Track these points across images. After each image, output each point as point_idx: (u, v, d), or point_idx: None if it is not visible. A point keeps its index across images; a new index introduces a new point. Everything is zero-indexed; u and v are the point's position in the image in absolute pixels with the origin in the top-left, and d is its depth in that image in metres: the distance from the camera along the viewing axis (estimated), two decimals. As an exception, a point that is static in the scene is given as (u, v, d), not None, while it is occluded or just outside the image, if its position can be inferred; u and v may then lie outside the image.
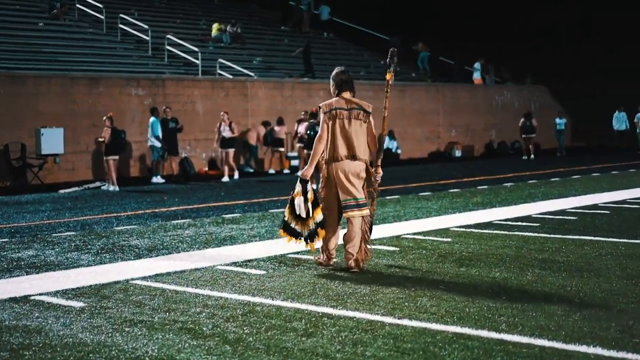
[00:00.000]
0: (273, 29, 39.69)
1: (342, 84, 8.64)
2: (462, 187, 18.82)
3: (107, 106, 24.30)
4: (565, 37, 44.11)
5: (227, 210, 14.97)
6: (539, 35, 44.31)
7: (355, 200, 8.42)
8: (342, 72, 8.71)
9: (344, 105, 8.51)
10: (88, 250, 10.26)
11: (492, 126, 38.27)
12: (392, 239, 10.72)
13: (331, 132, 8.45)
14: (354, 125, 8.47)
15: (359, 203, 8.45)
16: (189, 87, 26.62)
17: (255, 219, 13.40)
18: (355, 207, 8.44)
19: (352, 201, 8.41)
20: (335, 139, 8.43)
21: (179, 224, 12.91)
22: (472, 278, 8.01)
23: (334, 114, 8.47)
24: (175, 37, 30.97)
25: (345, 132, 8.43)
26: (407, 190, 18.47)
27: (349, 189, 8.40)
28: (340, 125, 8.46)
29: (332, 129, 8.45)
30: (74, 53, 27.58)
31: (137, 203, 16.74)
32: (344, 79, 8.64)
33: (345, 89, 8.62)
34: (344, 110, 8.47)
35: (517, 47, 43.18)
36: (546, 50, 43.91)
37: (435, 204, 15.26)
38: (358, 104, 8.56)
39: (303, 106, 29.47)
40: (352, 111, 8.49)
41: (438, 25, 44.46)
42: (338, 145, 8.42)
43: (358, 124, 8.50)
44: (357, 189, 8.44)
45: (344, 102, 8.53)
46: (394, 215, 13.38)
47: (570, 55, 42.59)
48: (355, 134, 8.44)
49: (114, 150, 21.07)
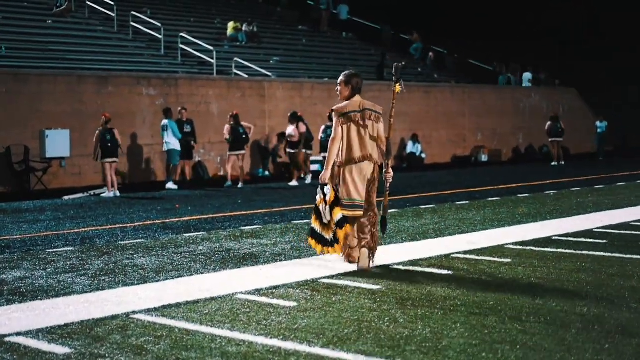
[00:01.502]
0: (291, 29, 38.19)
1: (357, 87, 8.76)
2: (501, 195, 17.22)
3: (117, 106, 22.86)
4: (573, 36, 42.83)
5: (246, 221, 13.44)
6: (548, 35, 43.09)
7: (352, 201, 8.54)
8: (357, 75, 8.81)
9: (357, 107, 8.62)
10: (85, 272, 8.73)
11: (519, 130, 36.63)
12: (440, 259, 9.15)
13: (346, 134, 8.59)
14: (367, 126, 8.61)
15: (355, 204, 8.54)
16: (203, 86, 25.13)
17: (278, 232, 11.85)
18: (351, 208, 8.54)
19: (349, 201, 8.54)
20: (351, 141, 8.57)
21: (192, 237, 11.37)
22: (555, 315, 6.43)
23: (349, 117, 8.58)
24: (190, 35, 29.50)
25: (359, 134, 8.59)
26: (441, 198, 16.88)
27: (349, 190, 8.54)
28: (355, 127, 8.59)
29: (348, 131, 8.59)
30: (83, 51, 26.15)
31: (146, 212, 15.22)
32: (360, 82, 8.78)
33: (358, 92, 8.75)
34: (357, 112, 8.60)
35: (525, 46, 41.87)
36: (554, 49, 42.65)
37: (477, 214, 13.67)
38: (370, 106, 8.68)
39: (323, 108, 27.92)
40: (365, 112, 8.61)
41: (449, 23, 43.14)
42: (353, 147, 8.56)
43: (370, 124, 8.63)
44: (358, 191, 8.55)
45: (357, 105, 8.64)
46: (435, 229, 11.80)
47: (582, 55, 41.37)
48: (368, 136, 8.60)
49: (108, 153, 19.53)
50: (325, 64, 33.47)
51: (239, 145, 21.80)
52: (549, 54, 43.65)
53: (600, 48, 41.98)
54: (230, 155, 21.89)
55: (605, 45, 41.71)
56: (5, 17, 27.11)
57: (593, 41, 42.62)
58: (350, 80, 8.74)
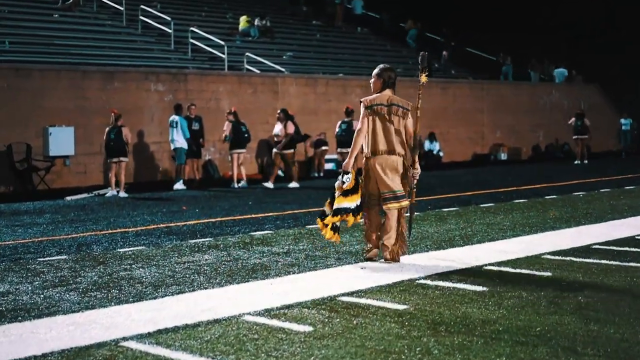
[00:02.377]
0: (304, 24, 37.22)
1: (389, 81, 8.84)
2: (528, 197, 16.24)
3: (123, 102, 21.98)
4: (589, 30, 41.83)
5: (256, 225, 12.51)
6: (565, 29, 42.10)
7: (393, 193, 8.63)
8: (391, 70, 8.90)
9: (385, 101, 8.72)
10: (76, 286, 7.82)
11: (539, 127, 35.59)
12: (472, 272, 8.20)
13: (371, 126, 8.70)
14: (393, 121, 8.69)
15: (397, 195, 8.64)
16: (214, 82, 24.22)
17: (291, 238, 10.91)
18: (394, 200, 8.63)
19: (390, 193, 8.62)
20: (375, 133, 8.67)
21: (198, 244, 10.46)
22: (615, 345, 5.47)
23: (375, 110, 8.70)
24: (200, 30, 28.59)
25: (385, 128, 8.69)
26: (464, 200, 15.92)
27: (386, 182, 8.63)
28: (380, 120, 8.70)
29: (372, 124, 8.70)
30: (90, 46, 25.23)
31: (151, 215, 14.31)
32: (392, 77, 8.84)
33: (389, 86, 8.82)
34: (384, 106, 8.70)
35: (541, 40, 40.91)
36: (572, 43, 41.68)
37: (505, 218, 12.70)
38: (398, 101, 8.74)
39: (338, 104, 27.00)
40: (392, 107, 8.69)
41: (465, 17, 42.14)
42: (377, 139, 8.66)
43: (397, 120, 8.71)
44: (394, 182, 8.66)
45: (385, 99, 8.75)
46: (461, 235, 10.84)
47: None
48: (393, 130, 8.69)
49: (111, 152, 18.68)
50: (340, 60, 32.51)
51: (242, 144, 20.88)
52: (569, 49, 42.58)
53: (615, 43, 40.91)
54: (233, 154, 20.94)
55: (620, 39, 40.62)
56: (11, 11, 26.25)
57: (609, 35, 41.55)
58: (382, 73, 8.84)
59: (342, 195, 8.65)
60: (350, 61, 32.47)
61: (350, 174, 8.62)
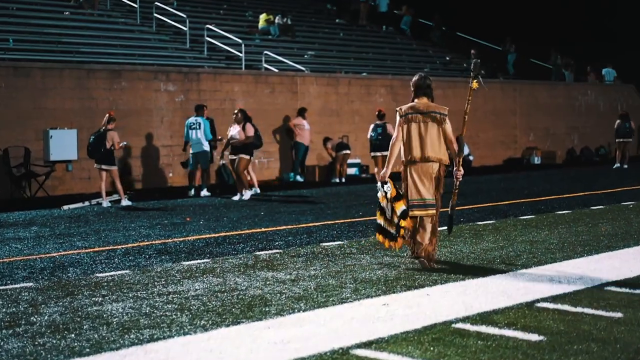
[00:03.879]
0: (327, 22, 35.64)
1: (416, 89, 8.91)
2: (570, 207, 14.56)
3: (131, 103, 20.55)
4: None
5: (264, 241, 10.94)
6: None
7: (423, 201, 8.70)
8: (418, 78, 8.97)
9: (421, 108, 8.78)
10: (24, 329, 6.28)
11: (574, 129, 33.76)
12: (522, 310, 6.57)
13: (406, 134, 8.77)
14: (429, 128, 8.73)
15: (426, 204, 8.70)
16: (228, 82, 22.69)
17: (302, 260, 9.32)
18: (422, 207, 8.69)
19: (420, 201, 8.70)
20: (411, 141, 8.74)
21: (191, 268, 8.90)
22: None
23: (409, 118, 8.77)
24: (219, 28, 27.11)
25: (420, 135, 8.73)
26: (501, 210, 14.25)
27: (419, 189, 8.71)
28: (416, 128, 8.74)
29: (408, 132, 8.76)
30: (101, 44, 23.80)
31: (149, 228, 12.76)
32: (418, 84, 8.89)
33: (420, 93, 8.89)
34: (420, 113, 8.75)
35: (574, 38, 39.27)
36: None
37: (550, 234, 11.04)
38: (434, 108, 8.80)
39: (360, 105, 25.42)
40: (429, 114, 8.74)
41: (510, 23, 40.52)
42: (412, 147, 8.73)
43: (433, 126, 8.73)
44: (428, 190, 8.72)
45: (421, 106, 8.80)
46: (502, 257, 9.20)
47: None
48: (429, 137, 8.71)
49: (94, 159, 17.04)
50: (364, 59, 30.90)
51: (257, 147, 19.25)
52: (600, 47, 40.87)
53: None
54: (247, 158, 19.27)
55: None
56: (20, 9, 24.87)
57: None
58: (417, 81, 8.92)
59: (394, 201, 8.77)
60: (374, 60, 30.87)
61: (389, 183, 8.80)
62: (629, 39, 41.27)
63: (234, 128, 17.92)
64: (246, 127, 17.90)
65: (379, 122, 20.58)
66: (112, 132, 16.80)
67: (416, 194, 8.70)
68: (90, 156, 17.09)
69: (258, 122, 22.77)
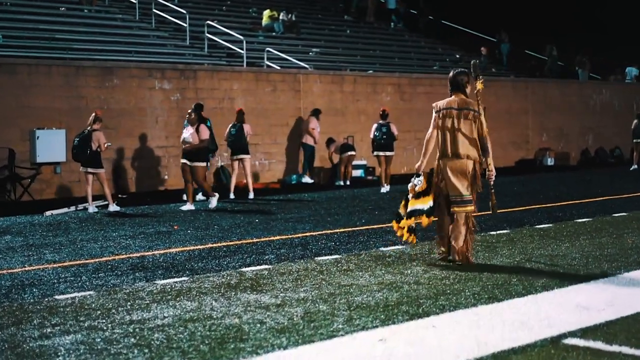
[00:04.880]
0: (334, 19, 34.53)
1: (451, 85, 8.94)
2: (590, 214, 13.44)
3: (123, 102, 19.52)
4: None
5: (254, 254, 9.86)
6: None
7: (460, 197, 8.67)
8: (452, 74, 8.97)
9: (455, 105, 8.79)
10: (-51, 369, 5.23)
11: (588, 130, 32.56)
12: (546, 351, 5.46)
13: (441, 130, 8.79)
14: (462, 124, 8.72)
15: (464, 199, 8.67)
16: (227, 79, 21.61)
17: (292, 278, 8.22)
18: (461, 203, 8.67)
19: (457, 197, 8.67)
20: (445, 137, 8.76)
21: (166, 288, 7.82)
22: None
23: (443, 114, 8.80)
24: (221, 25, 26.06)
25: (454, 131, 8.70)
26: (515, 218, 13.13)
27: (455, 185, 8.69)
28: (450, 124, 8.72)
29: (442, 128, 8.77)
30: (95, 41, 22.77)
31: (131, 237, 11.68)
32: (452, 79, 8.93)
33: (454, 90, 8.90)
34: (454, 109, 8.77)
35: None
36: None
37: (571, 247, 9.93)
38: (469, 104, 8.79)
39: (367, 104, 24.32)
40: (462, 111, 8.74)
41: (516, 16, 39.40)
42: (447, 143, 8.75)
43: (468, 123, 8.73)
44: (463, 185, 8.69)
45: (456, 102, 8.80)
46: (519, 276, 8.08)
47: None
48: (464, 133, 8.69)
49: (78, 161, 15.96)
50: (371, 56, 29.79)
51: (244, 148, 18.12)
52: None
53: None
54: (234, 160, 18.19)
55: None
56: (14, 4, 23.84)
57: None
58: (452, 77, 8.95)
59: (414, 198, 8.85)
60: (381, 58, 29.76)
61: (422, 176, 8.86)
62: (620, 31, 40.27)
63: (187, 130, 16.05)
64: (200, 130, 15.83)
65: (382, 122, 19.70)
66: (98, 132, 15.75)
67: (453, 190, 8.69)
68: (75, 159, 16.05)
69: (258, 122, 21.80)
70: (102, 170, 15.87)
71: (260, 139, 21.92)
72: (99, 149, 15.68)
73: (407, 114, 25.61)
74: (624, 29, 40.47)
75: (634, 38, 39.64)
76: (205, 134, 15.86)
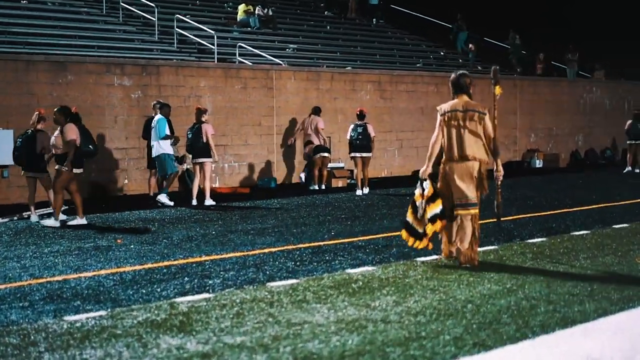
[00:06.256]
0: (313, 15, 33.02)
1: (455, 87, 8.91)
2: (587, 225, 12.00)
3: (79, 100, 17.92)
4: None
5: (196, 276, 8.34)
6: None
7: (466, 199, 8.66)
8: (455, 76, 8.97)
9: (460, 107, 8.78)
10: None
11: (579, 130, 31.18)
12: None
13: (447, 133, 8.75)
14: (468, 126, 8.70)
15: (469, 202, 8.67)
16: (194, 76, 20.06)
17: (233, 313, 6.70)
18: (466, 206, 8.66)
19: (463, 200, 8.66)
20: (451, 140, 8.74)
21: (72, 329, 6.29)
22: None
23: (448, 116, 8.76)
24: (193, 20, 24.56)
25: (460, 134, 8.70)
26: (503, 228, 11.66)
27: (460, 188, 8.68)
28: (456, 127, 8.73)
29: (448, 131, 8.74)
30: (56, 35, 21.21)
31: (64, 254, 10.13)
32: (452, 82, 8.93)
33: (458, 92, 8.89)
34: (459, 111, 8.76)
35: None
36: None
37: (570, 268, 8.44)
38: (474, 106, 8.82)
39: (345, 103, 22.82)
40: (468, 112, 8.75)
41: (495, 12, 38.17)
42: (452, 146, 8.72)
43: (473, 125, 8.72)
44: (468, 189, 8.68)
45: (461, 104, 8.79)
46: (511, 309, 6.60)
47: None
48: (468, 135, 8.69)
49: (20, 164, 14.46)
50: (352, 53, 28.30)
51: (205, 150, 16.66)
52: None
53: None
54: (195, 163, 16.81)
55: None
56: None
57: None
58: (455, 80, 8.90)
59: (427, 203, 8.74)
60: (362, 55, 28.29)
61: (428, 181, 8.79)
62: (586, 27, 39.17)
63: (57, 132, 13.83)
64: (65, 130, 13.40)
65: (359, 122, 18.45)
66: (43, 133, 14.20)
67: (458, 193, 8.66)
68: (17, 162, 14.51)
69: (227, 122, 20.29)
70: (47, 175, 14.33)
71: (229, 140, 20.41)
72: (43, 151, 14.14)
73: (388, 113, 24.13)
74: (589, 24, 39.46)
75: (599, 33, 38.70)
76: (72, 135, 13.39)
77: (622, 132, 26.14)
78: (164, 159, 16.33)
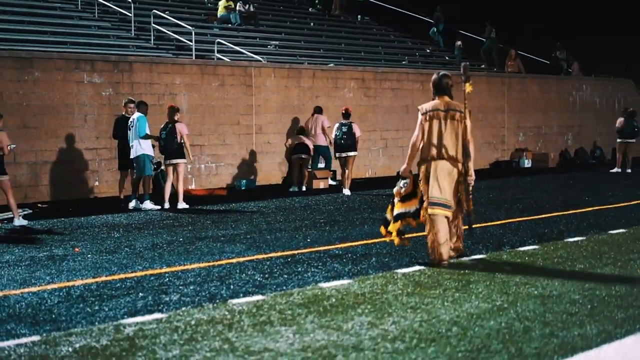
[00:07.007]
0: (297, 11, 32.20)
1: (436, 88, 8.94)
2: (581, 230, 11.22)
3: (46, 98, 17.09)
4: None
5: (152, 291, 7.50)
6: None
7: (444, 199, 8.59)
8: (437, 77, 8.98)
9: (441, 107, 8.78)
10: None
11: (568, 129, 30.44)
12: None
13: (427, 132, 8.74)
14: (449, 126, 8.71)
15: (446, 203, 8.59)
16: (168, 73, 19.19)
17: (185, 339, 5.85)
18: (442, 206, 8.58)
19: (441, 199, 8.58)
20: (431, 139, 8.71)
21: (-5, 358, 5.45)
22: None
23: (430, 115, 8.76)
24: (171, 16, 23.73)
25: (440, 133, 8.68)
26: (492, 235, 10.85)
27: (438, 188, 8.58)
28: (437, 126, 8.71)
29: (429, 130, 8.73)
30: (26, 31, 20.33)
31: (12, 265, 9.25)
32: (437, 82, 8.92)
33: (439, 93, 8.90)
34: (441, 111, 8.76)
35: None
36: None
37: (565, 282, 7.62)
38: (455, 106, 8.80)
39: (327, 101, 21.98)
40: (449, 112, 8.74)
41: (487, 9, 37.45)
42: (432, 145, 8.68)
43: (454, 124, 8.71)
44: (444, 189, 8.59)
45: (440, 105, 8.80)
46: (501, 332, 5.79)
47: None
48: (449, 135, 8.67)
49: None
50: (336, 50, 27.48)
51: (179, 151, 15.80)
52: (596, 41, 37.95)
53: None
54: (168, 165, 15.96)
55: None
56: None
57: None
58: (436, 81, 8.93)
59: (400, 201, 8.80)
60: (347, 52, 27.47)
61: (408, 179, 8.80)
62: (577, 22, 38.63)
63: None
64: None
65: (344, 121, 17.78)
66: (1, 133, 13.32)
67: (437, 192, 8.59)
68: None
69: (204, 120, 19.47)
70: (6, 177, 13.45)
71: (206, 140, 19.56)
72: (1, 151, 13.27)
73: (372, 111, 23.31)
74: (580, 20, 38.90)
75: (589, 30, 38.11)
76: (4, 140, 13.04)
77: (613, 130, 25.40)
78: (143, 160, 15.52)
